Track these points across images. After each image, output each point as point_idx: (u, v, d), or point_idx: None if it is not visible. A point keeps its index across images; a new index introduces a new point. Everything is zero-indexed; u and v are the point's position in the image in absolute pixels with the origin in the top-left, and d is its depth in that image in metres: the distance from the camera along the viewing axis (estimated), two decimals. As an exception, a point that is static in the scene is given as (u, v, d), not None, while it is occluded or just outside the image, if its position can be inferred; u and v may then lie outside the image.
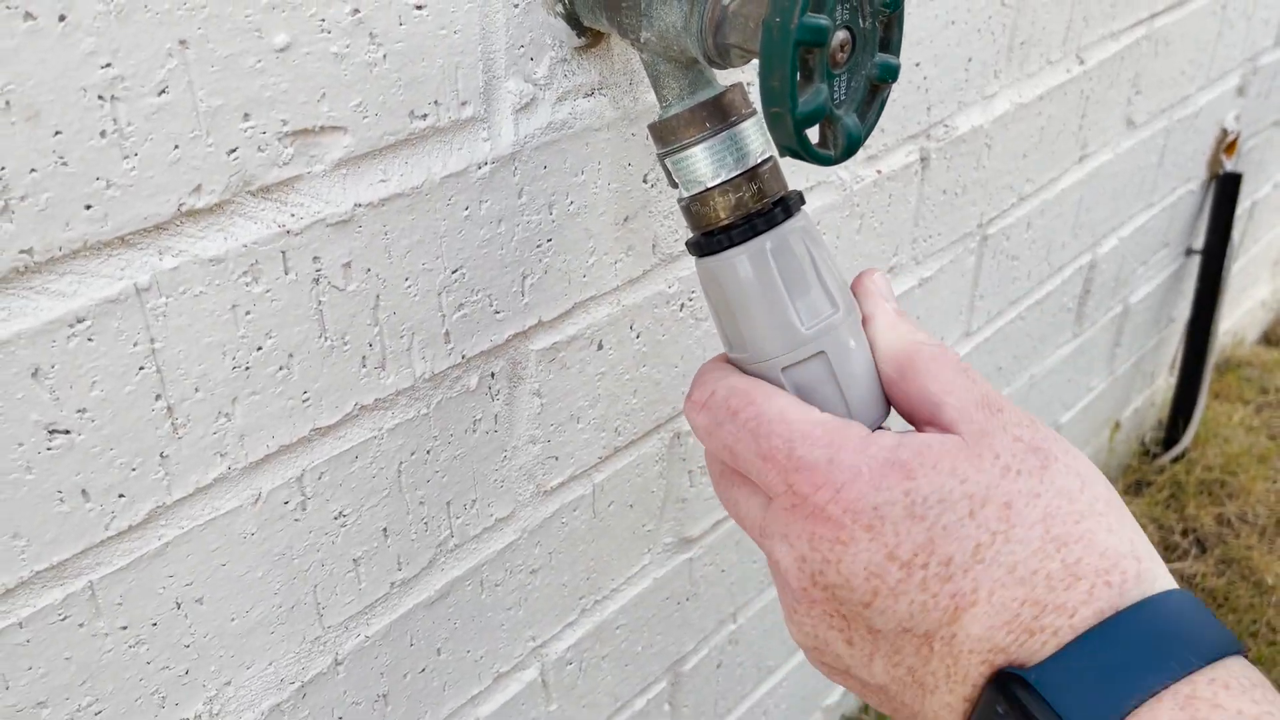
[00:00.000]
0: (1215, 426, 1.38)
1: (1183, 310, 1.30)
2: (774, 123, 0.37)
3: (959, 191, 0.77)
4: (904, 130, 0.68)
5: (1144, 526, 1.24)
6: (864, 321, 0.41)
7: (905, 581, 0.32)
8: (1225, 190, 1.17)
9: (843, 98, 0.39)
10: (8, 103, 0.31)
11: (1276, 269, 1.59)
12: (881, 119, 0.66)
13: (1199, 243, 1.21)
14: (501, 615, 0.58)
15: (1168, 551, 1.22)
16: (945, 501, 0.32)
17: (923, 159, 0.71)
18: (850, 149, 0.40)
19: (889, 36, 0.40)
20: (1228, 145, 1.16)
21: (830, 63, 0.37)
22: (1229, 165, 1.17)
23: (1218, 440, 1.35)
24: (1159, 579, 0.31)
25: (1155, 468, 1.33)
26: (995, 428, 0.33)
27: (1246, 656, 0.29)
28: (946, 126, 0.72)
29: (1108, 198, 0.98)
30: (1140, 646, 0.28)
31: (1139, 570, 0.30)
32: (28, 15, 0.31)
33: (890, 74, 0.40)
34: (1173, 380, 1.35)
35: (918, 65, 0.66)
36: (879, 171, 0.68)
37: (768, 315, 0.41)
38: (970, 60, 0.71)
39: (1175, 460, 1.32)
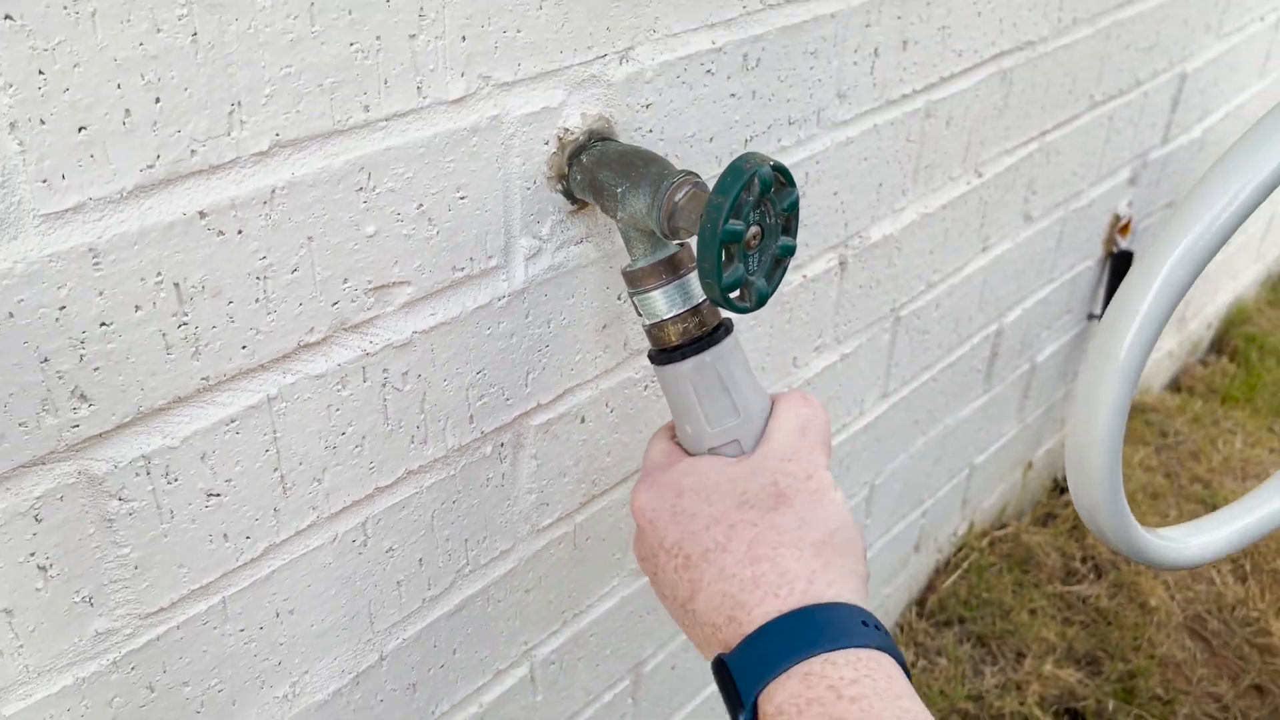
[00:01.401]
0: (1118, 465, 1.57)
1: (1088, 364, 1.48)
2: (707, 289, 0.54)
3: (874, 285, 0.94)
4: (825, 243, 0.86)
5: (1048, 554, 1.42)
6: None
7: (667, 563, 0.50)
8: (1119, 266, 1.36)
9: (755, 269, 0.57)
10: (204, 287, 0.48)
11: (1180, 326, 1.78)
12: (805, 236, 0.84)
13: (1099, 309, 1.40)
14: (502, 624, 0.75)
15: (1069, 576, 1.41)
16: (695, 516, 0.50)
17: (841, 263, 0.89)
18: (761, 302, 0.57)
19: (788, 226, 0.57)
20: (1121, 227, 1.35)
21: (745, 248, 0.55)
22: (1124, 244, 1.36)
23: (1118, 478, 1.54)
24: (824, 596, 0.45)
25: (1062, 502, 1.51)
26: (765, 470, 0.51)
27: (890, 652, 0.44)
28: (861, 237, 0.90)
29: (1010, 278, 1.17)
30: (783, 640, 0.44)
31: (806, 590, 0.45)
32: (220, 232, 0.47)
33: (789, 251, 0.57)
34: (1082, 424, 1.54)
35: (835, 194, 0.84)
36: (804, 276, 0.85)
37: (703, 409, 0.58)
38: (881, 185, 0.89)
39: (1079, 496, 1.51)
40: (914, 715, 0.41)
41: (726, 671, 0.46)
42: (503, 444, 0.67)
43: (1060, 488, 1.55)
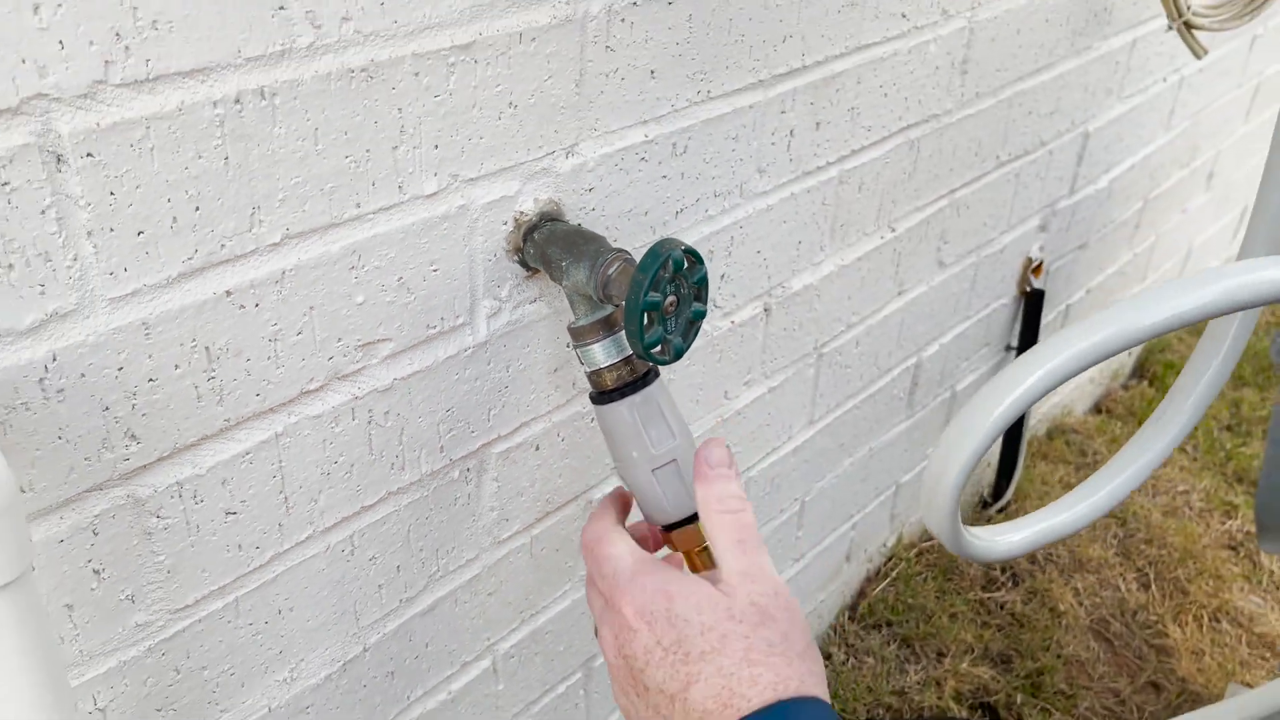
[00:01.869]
0: (1038, 483, 1.71)
1: (1009, 391, 1.62)
2: (632, 346, 0.68)
3: (796, 328, 1.08)
4: (750, 293, 0.99)
5: (970, 564, 1.56)
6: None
7: (664, 659, 0.55)
8: (1032, 303, 1.50)
9: (673, 329, 0.70)
10: (228, 348, 0.60)
11: (1101, 352, 1.93)
12: (732, 288, 0.97)
13: (1015, 341, 1.55)
14: (468, 622, 0.87)
15: (989, 584, 1.54)
16: (689, 621, 0.57)
17: (766, 310, 1.02)
18: (678, 356, 0.70)
19: (699, 295, 0.70)
20: (1034, 268, 1.49)
21: (664, 314, 0.68)
22: (1037, 283, 1.50)
23: (1037, 494, 1.68)
24: (807, 692, 0.54)
25: (985, 517, 1.65)
26: (739, 592, 0.58)
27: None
28: (783, 287, 1.03)
29: (926, 317, 1.31)
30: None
31: (798, 688, 0.54)
32: (241, 306, 0.60)
33: (700, 316, 0.71)
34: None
35: (759, 252, 0.97)
36: (733, 322, 0.99)
37: (636, 440, 0.71)
38: (800, 243, 1.02)
39: (1000, 510, 1.65)
40: None
41: None
42: (469, 469, 0.80)
43: (984, 502, 1.70)
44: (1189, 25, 1.25)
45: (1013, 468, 1.63)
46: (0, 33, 0.46)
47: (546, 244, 0.73)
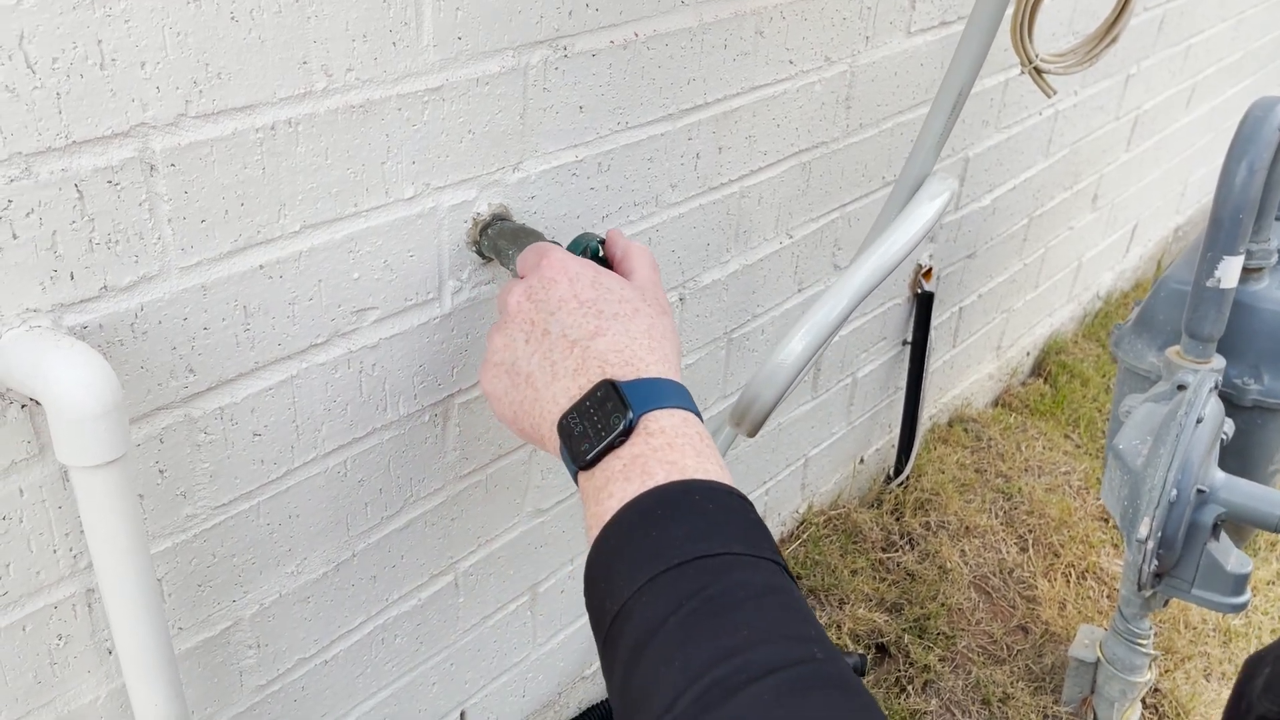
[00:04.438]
0: (937, 463, 1.95)
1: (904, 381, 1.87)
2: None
3: (708, 315, 1.31)
4: (667, 285, 1.22)
5: (873, 529, 1.80)
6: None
7: (577, 310, 0.66)
8: (923, 304, 1.75)
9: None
10: (260, 308, 0.82)
11: (999, 352, 2.19)
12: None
13: (910, 336, 1.79)
14: (434, 542, 1.09)
15: (888, 546, 1.78)
16: (610, 290, 0.70)
17: (680, 299, 1.26)
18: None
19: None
20: (925, 273, 1.74)
21: (585, 289, 0.91)
22: (927, 286, 1.75)
23: (934, 472, 1.92)
24: (683, 381, 0.69)
25: (888, 490, 1.89)
26: (649, 287, 0.75)
27: (699, 416, 0.67)
28: (695, 281, 1.26)
29: (825, 312, 1.54)
30: (673, 393, 0.65)
31: (673, 369, 0.68)
32: (270, 277, 0.82)
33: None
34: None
35: (673, 251, 1.21)
36: (652, 307, 1.22)
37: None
38: (708, 245, 1.26)
39: (901, 485, 1.89)
40: (723, 464, 0.64)
41: (616, 390, 0.62)
42: (436, 414, 1.02)
43: (888, 478, 1.94)
44: (1038, 70, 1.50)
45: (910, 447, 1.87)
46: (120, 82, 0.68)
47: (498, 238, 0.96)
